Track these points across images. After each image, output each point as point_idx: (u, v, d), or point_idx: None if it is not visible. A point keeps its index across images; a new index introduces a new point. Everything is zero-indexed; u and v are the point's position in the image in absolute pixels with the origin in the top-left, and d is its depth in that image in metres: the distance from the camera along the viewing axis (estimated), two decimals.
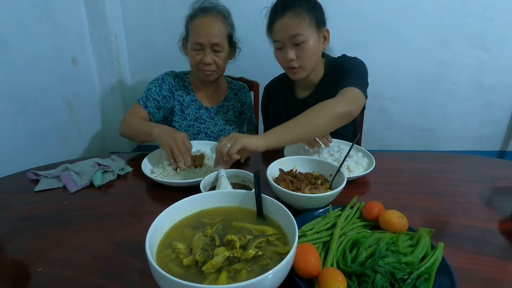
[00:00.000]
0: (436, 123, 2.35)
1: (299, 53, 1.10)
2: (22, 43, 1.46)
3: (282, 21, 1.09)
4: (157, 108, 1.31)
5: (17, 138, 1.44)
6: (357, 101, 0.99)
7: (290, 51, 1.10)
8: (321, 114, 0.93)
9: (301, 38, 1.08)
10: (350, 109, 0.95)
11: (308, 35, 1.08)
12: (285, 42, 1.11)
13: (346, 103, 0.96)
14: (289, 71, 1.17)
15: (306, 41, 1.08)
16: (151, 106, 1.29)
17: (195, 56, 1.24)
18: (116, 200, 0.92)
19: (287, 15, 1.08)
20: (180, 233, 0.60)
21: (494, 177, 1.03)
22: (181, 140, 1.01)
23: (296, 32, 1.07)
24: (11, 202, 0.90)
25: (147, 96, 1.30)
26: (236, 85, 1.48)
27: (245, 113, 1.48)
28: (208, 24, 1.21)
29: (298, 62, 1.12)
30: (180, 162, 0.99)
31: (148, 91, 1.31)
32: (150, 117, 1.30)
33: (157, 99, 1.31)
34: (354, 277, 0.56)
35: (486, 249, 0.70)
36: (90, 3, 1.92)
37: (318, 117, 0.92)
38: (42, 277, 0.63)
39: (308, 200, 0.78)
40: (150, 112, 1.29)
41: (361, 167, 1.04)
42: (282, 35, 1.10)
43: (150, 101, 1.29)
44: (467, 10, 2.02)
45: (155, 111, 1.31)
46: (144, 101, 1.29)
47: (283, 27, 1.09)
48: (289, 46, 1.10)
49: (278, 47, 1.14)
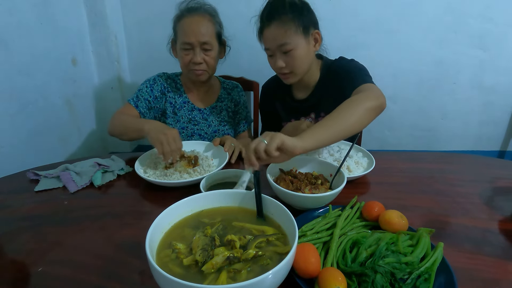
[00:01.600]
0: (436, 123, 2.35)
1: (288, 60, 1.11)
2: (22, 43, 1.46)
3: (269, 30, 1.09)
4: (148, 109, 1.30)
5: (17, 138, 1.44)
6: (382, 94, 0.98)
7: (279, 60, 1.11)
8: (353, 111, 0.89)
9: (289, 46, 1.08)
10: (380, 101, 0.94)
11: (295, 43, 1.08)
12: (274, 50, 1.11)
13: (374, 97, 0.94)
14: (281, 76, 1.18)
15: (294, 48, 1.08)
16: (142, 106, 1.28)
17: (185, 56, 1.23)
18: (116, 200, 0.92)
19: (273, 25, 1.08)
20: (180, 233, 0.60)
21: (494, 177, 1.03)
22: (172, 136, 1.00)
23: (283, 41, 1.07)
24: (11, 202, 0.90)
25: (138, 96, 1.29)
26: (229, 85, 1.46)
27: (239, 113, 1.47)
28: (195, 24, 1.20)
29: (288, 68, 1.13)
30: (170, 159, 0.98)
31: (139, 91, 1.30)
32: (141, 116, 1.29)
33: (148, 99, 1.30)
34: (354, 277, 0.56)
35: (486, 249, 0.70)
36: (90, 3, 1.92)
37: (351, 114, 0.89)
38: (42, 277, 0.63)
39: (308, 200, 0.78)
40: (141, 112, 1.28)
41: (361, 167, 1.04)
42: (270, 44, 1.11)
43: (141, 101, 1.28)
44: (467, 10, 2.02)
45: (146, 111, 1.30)
46: (135, 101, 1.28)
47: (270, 36, 1.09)
48: (278, 54, 1.11)
49: (269, 54, 1.16)
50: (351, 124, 0.88)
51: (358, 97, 0.94)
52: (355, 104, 0.91)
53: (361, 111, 0.89)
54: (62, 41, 1.74)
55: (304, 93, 1.28)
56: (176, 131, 1.03)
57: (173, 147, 0.98)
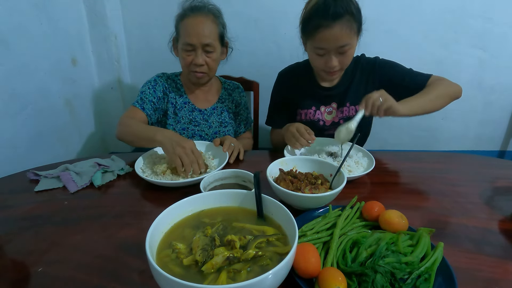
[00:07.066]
0: (436, 123, 2.35)
1: (342, 59, 1.10)
2: (22, 43, 1.45)
3: (332, 31, 1.03)
4: (154, 110, 1.28)
5: (17, 138, 1.44)
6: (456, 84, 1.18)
7: (335, 59, 1.09)
8: (442, 93, 1.13)
9: (348, 47, 1.07)
10: (459, 88, 1.18)
11: (353, 43, 1.08)
12: (329, 51, 1.08)
13: (455, 85, 1.16)
14: (327, 74, 1.16)
15: (351, 48, 1.09)
16: (148, 108, 1.25)
17: (186, 57, 1.21)
18: (116, 200, 0.92)
19: (338, 25, 1.02)
20: (180, 233, 0.60)
21: (494, 177, 1.03)
22: (190, 148, 0.97)
23: (345, 42, 1.05)
24: (11, 202, 0.90)
25: (142, 98, 1.26)
26: (230, 85, 1.45)
27: (240, 114, 1.46)
28: (198, 24, 1.18)
29: (339, 67, 1.12)
30: (190, 173, 0.96)
31: (142, 93, 1.28)
32: (148, 119, 1.25)
33: (153, 100, 1.27)
34: (354, 277, 0.56)
35: (486, 249, 0.70)
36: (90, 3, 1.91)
37: (439, 95, 1.13)
38: (42, 277, 0.63)
39: (308, 200, 0.78)
40: (148, 115, 1.25)
41: (361, 167, 1.04)
42: (330, 44, 1.06)
43: (146, 103, 1.25)
44: (467, 10, 2.02)
45: (152, 113, 1.27)
46: (140, 104, 1.25)
47: (332, 37, 1.04)
48: (333, 54, 1.08)
49: (320, 54, 1.11)
50: (435, 104, 1.12)
51: (445, 83, 1.15)
52: (445, 88, 1.13)
53: (445, 93, 1.13)
54: (62, 41, 1.74)
55: (329, 82, 1.28)
56: (193, 142, 1.00)
57: (192, 158, 0.96)
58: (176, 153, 0.95)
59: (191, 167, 0.95)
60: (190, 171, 0.96)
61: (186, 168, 0.95)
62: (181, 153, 0.95)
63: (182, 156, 0.95)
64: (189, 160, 0.95)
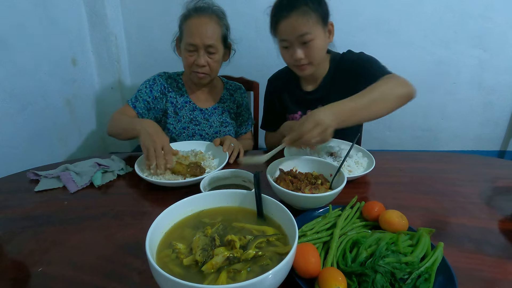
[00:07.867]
0: (436, 123, 2.35)
1: (307, 51, 1.10)
2: (22, 43, 1.46)
3: (289, 21, 1.07)
4: (147, 109, 1.30)
5: (17, 138, 1.44)
6: (409, 83, 1.01)
7: (299, 50, 1.10)
8: (385, 97, 0.94)
9: (309, 37, 1.07)
10: (410, 89, 1.00)
11: (315, 33, 1.08)
12: (292, 42, 1.10)
13: (402, 85, 0.99)
14: (297, 68, 1.17)
15: (314, 39, 1.08)
16: (140, 106, 1.28)
17: (189, 57, 1.22)
18: (116, 200, 0.92)
19: (294, 15, 1.06)
20: (180, 233, 0.60)
21: (494, 177, 1.03)
22: (160, 144, 0.97)
23: (303, 31, 1.06)
24: (11, 202, 0.90)
25: (137, 97, 1.29)
26: (232, 86, 1.45)
27: (242, 115, 1.46)
28: (202, 25, 1.18)
29: (307, 60, 1.12)
30: (152, 166, 0.96)
31: (138, 92, 1.30)
32: (139, 117, 1.28)
33: (147, 100, 1.29)
34: (354, 277, 0.56)
35: (486, 248, 0.70)
36: (90, 3, 1.91)
37: (382, 100, 0.94)
38: (42, 277, 0.63)
39: (308, 200, 0.78)
40: (138, 113, 1.27)
41: (361, 167, 1.04)
42: (289, 34, 1.09)
43: (139, 102, 1.28)
44: (467, 10, 2.02)
45: (145, 112, 1.29)
46: (133, 102, 1.28)
47: (289, 27, 1.08)
48: (296, 45, 1.10)
49: (284, 46, 1.13)
50: (379, 110, 0.94)
51: (386, 83, 0.97)
52: (386, 91, 0.95)
53: (391, 99, 0.95)
54: (62, 41, 1.74)
55: (312, 85, 1.28)
56: (167, 140, 1.00)
57: (158, 153, 0.96)
58: (145, 144, 0.98)
59: (154, 161, 0.95)
60: (153, 165, 0.96)
61: (149, 161, 0.96)
62: (150, 146, 0.97)
63: (150, 149, 0.96)
64: (155, 155, 0.96)
